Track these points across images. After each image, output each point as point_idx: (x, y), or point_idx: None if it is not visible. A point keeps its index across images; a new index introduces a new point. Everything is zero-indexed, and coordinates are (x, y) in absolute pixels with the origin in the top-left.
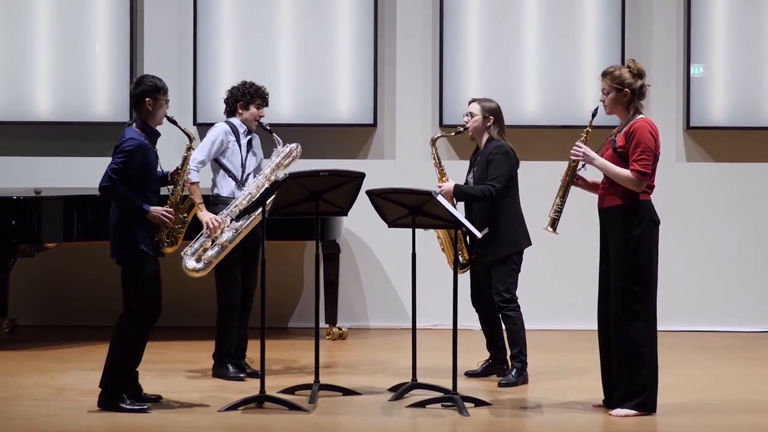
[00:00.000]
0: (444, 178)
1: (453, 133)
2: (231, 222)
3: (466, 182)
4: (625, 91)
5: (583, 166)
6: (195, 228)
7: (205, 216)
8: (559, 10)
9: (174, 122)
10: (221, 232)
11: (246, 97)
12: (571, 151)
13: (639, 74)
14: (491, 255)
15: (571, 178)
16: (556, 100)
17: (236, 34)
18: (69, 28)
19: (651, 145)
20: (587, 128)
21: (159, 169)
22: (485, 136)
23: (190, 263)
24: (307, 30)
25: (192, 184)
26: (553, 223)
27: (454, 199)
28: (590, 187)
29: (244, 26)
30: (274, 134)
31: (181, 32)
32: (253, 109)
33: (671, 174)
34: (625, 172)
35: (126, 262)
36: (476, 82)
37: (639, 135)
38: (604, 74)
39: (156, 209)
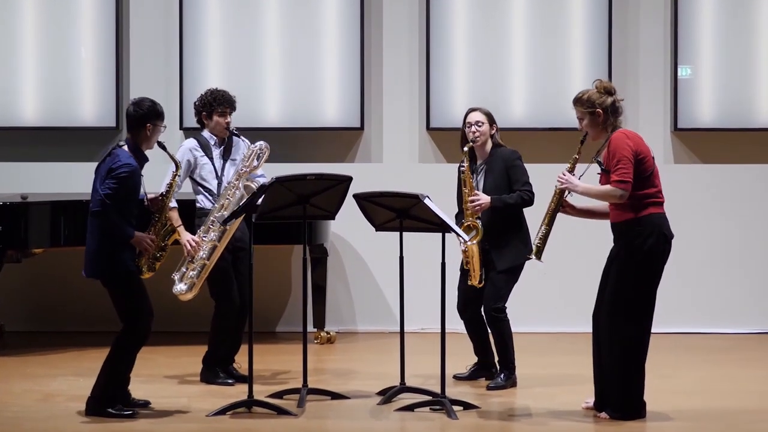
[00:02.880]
0: (474, 191)
1: (469, 146)
2: (209, 235)
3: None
4: (597, 111)
5: (569, 193)
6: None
7: (183, 238)
8: (545, 11)
9: (164, 148)
10: (201, 250)
11: (207, 107)
12: (556, 180)
13: (607, 92)
14: (507, 262)
15: (557, 206)
16: (543, 102)
17: (223, 38)
18: (55, 33)
19: (626, 153)
20: (575, 156)
21: (143, 191)
22: (489, 143)
23: (178, 287)
24: (294, 34)
25: (170, 209)
26: (538, 252)
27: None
28: (581, 213)
29: (231, 30)
30: (241, 137)
31: (168, 37)
32: (216, 118)
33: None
34: (605, 187)
35: (114, 282)
36: (463, 85)
37: (613, 147)
38: (574, 102)
39: (140, 235)
